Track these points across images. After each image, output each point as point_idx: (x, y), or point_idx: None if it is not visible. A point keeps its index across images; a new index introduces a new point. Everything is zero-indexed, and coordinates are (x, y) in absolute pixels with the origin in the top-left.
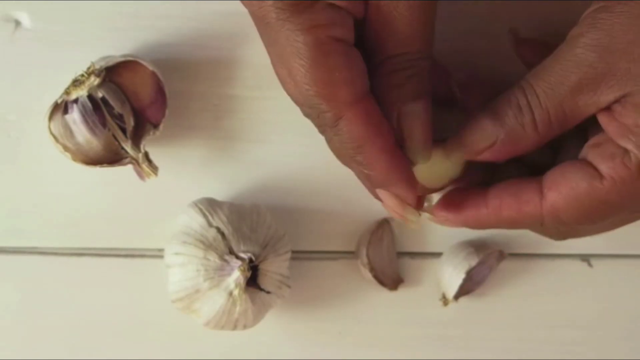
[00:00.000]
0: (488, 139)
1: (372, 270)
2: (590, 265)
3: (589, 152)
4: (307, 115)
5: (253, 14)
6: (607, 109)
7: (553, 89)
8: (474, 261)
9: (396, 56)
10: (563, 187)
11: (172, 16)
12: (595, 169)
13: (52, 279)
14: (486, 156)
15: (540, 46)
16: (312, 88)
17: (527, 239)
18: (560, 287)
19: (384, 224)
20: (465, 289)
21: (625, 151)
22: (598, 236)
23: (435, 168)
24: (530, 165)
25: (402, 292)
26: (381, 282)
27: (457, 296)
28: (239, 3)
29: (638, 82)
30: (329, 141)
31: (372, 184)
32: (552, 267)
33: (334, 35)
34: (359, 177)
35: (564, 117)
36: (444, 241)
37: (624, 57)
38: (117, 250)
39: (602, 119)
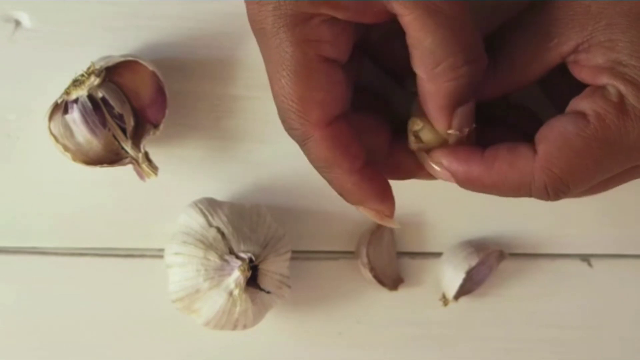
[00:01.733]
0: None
1: (372, 270)
2: (590, 265)
3: (571, 104)
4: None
5: (251, 16)
6: (574, 62)
7: (517, 38)
8: (474, 261)
9: (448, 60)
10: (551, 136)
11: (172, 16)
12: (579, 111)
13: (52, 279)
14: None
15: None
16: (287, 101)
17: (527, 239)
18: (560, 287)
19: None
20: (465, 289)
21: (603, 87)
22: (598, 236)
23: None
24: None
25: (402, 292)
26: (381, 282)
27: (457, 296)
28: (239, 3)
29: (599, 20)
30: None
31: (347, 201)
32: (552, 267)
33: (323, 54)
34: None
35: (527, 65)
36: (444, 241)
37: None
38: (117, 250)
39: (576, 72)
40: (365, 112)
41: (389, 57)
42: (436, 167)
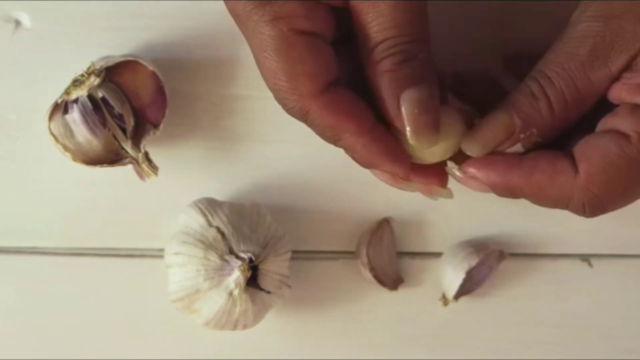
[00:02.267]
0: (505, 129)
1: (372, 270)
2: (590, 265)
3: (607, 121)
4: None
5: (227, 7)
6: (618, 80)
7: (564, 67)
8: (474, 261)
9: (383, 41)
10: (593, 156)
11: (172, 16)
12: (619, 131)
13: (52, 279)
14: (506, 146)
15: (530, 61)
16: (277, 81)
17: (527, 239)
18: (560, 287)
19: (384, 224)
20: (465, 289)
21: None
22: (598, 236)
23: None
24: None
25: (402, 292)
26: (381, 282)
27: (457, 296)
28: None
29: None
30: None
31: (360, 165)
32: (552, 267)
33: (297, 28)
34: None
35: (578, 95)
36: (444, 241)
37: (628, 19)
38: (117, 250)
39: (614, 91)
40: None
41: None
42: (469, 180)
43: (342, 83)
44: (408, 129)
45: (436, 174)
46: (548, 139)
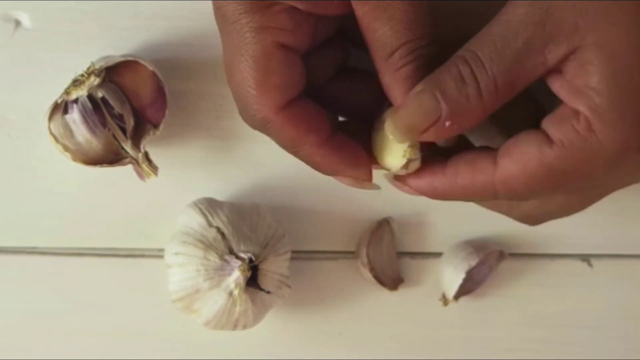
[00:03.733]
0: (430, 114)
1: (372, 270)
2: (590, 265)
3: (545, 119)
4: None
5: (214, 4)
6: (557, 71)
7: (499, 54)
8: (474, 261)
9: (399, 48)
10: (514, 155)
11: (172, 16)
12: (546, 134)
13: (52, 279)
14: (430, 135)
15: None
16: (245, 87)
17: (528, 239)
18: (560, 287)
19: (383, 224)
20: (465, 289)
21: (576, 113)
22: (598, 236)
23: (392, 150)
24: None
25: (402, 292)
26: (381, 282)
27: (457, 296)
28: None
29: (586, 37)
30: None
31: (321, 173)
32: (552, 267)
33: (281, 41)
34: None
35: (511, 83)
36: (444, 241)
37: (572, 11)
38: (117, 250)
39: (553, 83)
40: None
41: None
42: (402, 187)
43: (303, 92)
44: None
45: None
46: (470, 128)
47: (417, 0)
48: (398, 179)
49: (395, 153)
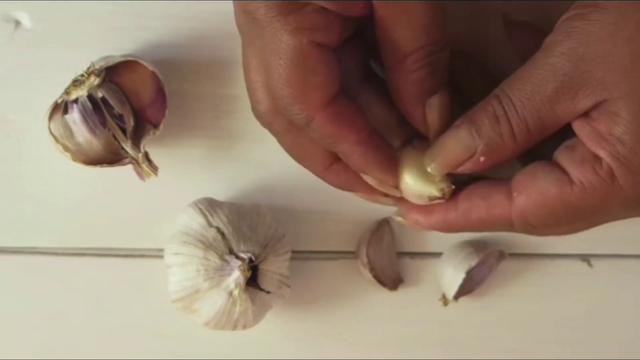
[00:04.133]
0: (467, 150)
1: (372, 270)
2: (590, 265)
3: (561, 154)
4: (266, 122)
5: (241, 7)
6: (584, 114)
7: (530, 98)
8: (474, 261)
9: (415, 51)
10: (532, 192)
11: (172, 16)
12: (566, 172)
13: (52, 279)
14: (466, 168)
15: (532, 31)
16: (286, 89)
17: (527, 239)
18: (560, 287)
19: (384, 224)
20: (465, 289)
21: (597, 157)
22: (598, 236)
23: (420, 183)
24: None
25: (402, 292)
26: (381, 282)
27: (457, 296)
28: None
29: (612, 91)
30: (282, 144)
31: (354, 169)
32: (552, 267)
33: (316, 40)
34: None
35: (542, 125)
36: (444, 241)
37: (599, 66)
38: (117, 250)
39: (577, 124)
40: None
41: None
42: (414, 225)
43: (341, 91)
44: (432, 135)
45: None
46: (503, 163)
47: (435, 3)
48: (409, 216)
49: (428, 183)
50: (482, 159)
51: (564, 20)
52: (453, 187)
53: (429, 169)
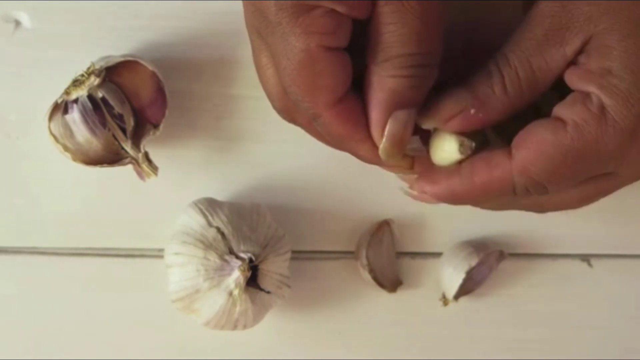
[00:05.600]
0: (457, 104)
1: (372, 271)
2: (590, 265)
3: (554, 108)
4: (288, 118)
5: (251, 7)
6: (574, 63)
7: (519, 45)
8: (474, 261)
9: (400, 56)
10: (530, 143)
11: (172, 16)
12: (560, 119)
13: (52, 279)
14: (457, 123)
15: None
16: (294, 87)
17: (528, 239)
18: (560, 287)
19: (384, 226)
20: (465, 289)
21: (587, 95)
22: (598, 236)
23: (442, 146)
24: None
25: (402, 292)
26: (380, 284)
27: (457, 296)
28: (239, 3)
29: (598, 24)
30: (311, 135)
31: (366, 162)
32: (552, 267)
33: (325, 44)
34: None
35: (533, 75)
36: (444, 241)
37: (585, 1)
38: (117, 250)
39: (568, 74)
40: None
41: None
42: (420, 195)
43: (351, 86)
44: (384, 145)
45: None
46: (498, 120)
47: (436, 15)
48: (417, 186)
49: (448, 149)
50: (472, 111)
51: None
52: (473, 144)
53: (422, 126)
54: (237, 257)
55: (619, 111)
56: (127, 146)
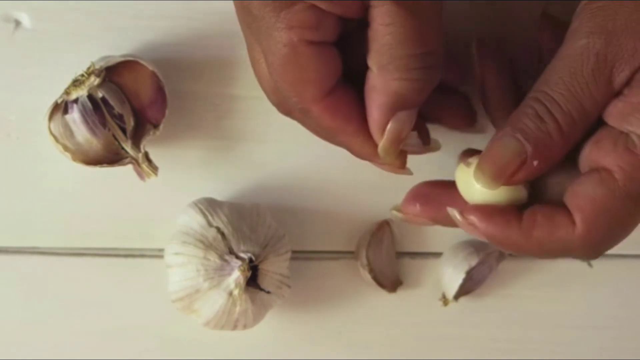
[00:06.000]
0: (517, 156)
1: (372, 272)
2: (590, 265)
3: (591, 154)
4: (283, 111)
5: (239, 5)
6: (619, 94)
7: (569, 89)
8: (474, 261)
9: (404, 58)
10: (586, 205)
11: (172, 16)
12: (604, 168)
13: (52, 279)
14: (521, 176)
15: (564, 31)
16: (280, 84)
17: None
18: (560, 287)
19: (384, 226)
20: (465, 289)
21: (626, 135)
22: None
23: (491, 193)
24: None
25: (402, 292)
26: (380, 284)
27: (457, 296)
28: None
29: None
30: (307, 129)
31: (360, 157)
32: (552, 267)
33: (307, 39)
34: None
35: (585, 114)
36: (444, 241)
37: (629, 36)
38: (117, 250)
39: (607, 108)
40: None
41: None
42: (469, 226)
43: (341, 79)
44: (384, 144)
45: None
46: (558, 162)
47: (433, 9)
48: (465, 217)
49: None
50: (535, 162)
51: (584, 5)
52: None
53: (479, 185)
54: (237, 257)
55: None
56: (127, 146)
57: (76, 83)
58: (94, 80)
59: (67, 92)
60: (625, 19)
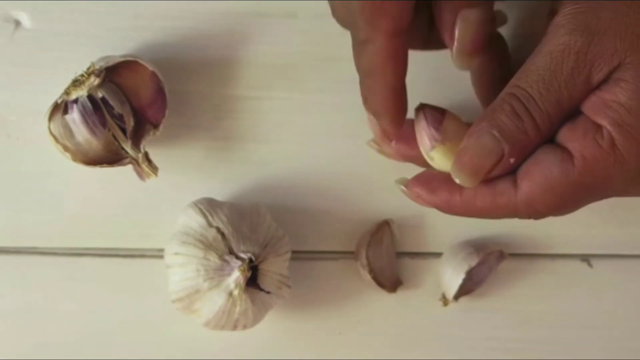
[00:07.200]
0: (494, 155)
1: (372, 272)
2: (590, 265)
3: (563, 133)
4: (344, 24)
5: None
6: (594, 88)
7: (547, 87)
8: (474, 261)
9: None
10: (536, 176)
11: (172, 16)
12: (567, 150)
13: (52, 279)
14: (497, 172)
15: None
16: (359, 6)
17: (527, 239)
18: (560, 287)
19: (384, 226)
20: (465, 289)
21: (599, 128)
22: (598, 236)
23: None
24: None
25: (402, 292)
26: (380, 285)
27: (457, 296)
28: (239, 3)
29: (625, 57)
30: (354, 55)
31: (367, 107)
32: (552, 267)
33: None
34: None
35: (561, 111)
36: (444, 241)
37: (611, 36)
38: (117, 250)
39: (586, 104)
40: None
41: None
42: (416, 198)
43: (407, 32)
44: (456, 46)
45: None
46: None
47: None
48: (411, 189)
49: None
50: (512, 160)
51: (567, 1)
52: None
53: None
54: (237, 257)
55: (630, 150)
56: (127, 146)
57: (76, 83)
58: (94, 81)
59: (67, 92)
60: (609, 19)
